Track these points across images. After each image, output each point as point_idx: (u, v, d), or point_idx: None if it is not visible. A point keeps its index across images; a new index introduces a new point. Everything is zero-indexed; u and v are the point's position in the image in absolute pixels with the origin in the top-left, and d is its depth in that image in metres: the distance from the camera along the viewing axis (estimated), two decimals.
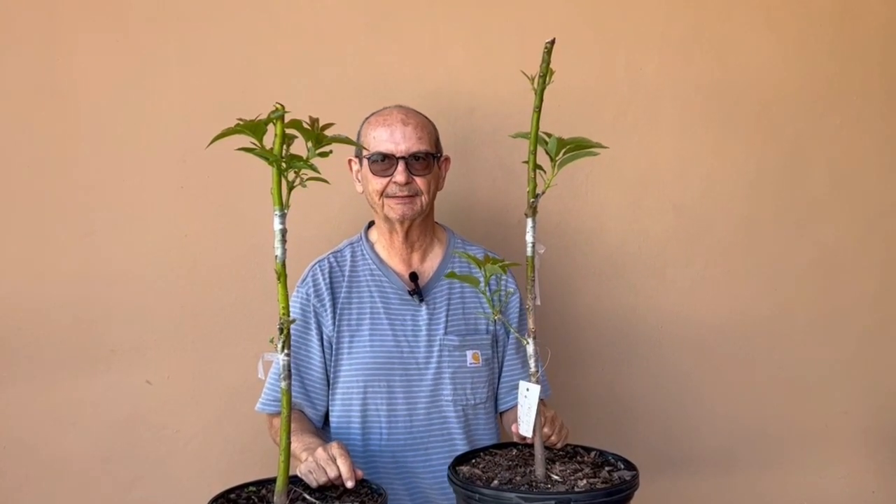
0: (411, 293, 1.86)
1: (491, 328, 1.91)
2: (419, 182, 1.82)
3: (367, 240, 1.93)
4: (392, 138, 1.80)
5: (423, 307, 1.86)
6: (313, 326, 1.84)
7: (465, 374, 1.86)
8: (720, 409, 2.45)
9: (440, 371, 1.84)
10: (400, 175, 1.79)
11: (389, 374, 1.82)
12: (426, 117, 1.89)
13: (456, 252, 1.91)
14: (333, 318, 1.84)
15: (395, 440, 1.83)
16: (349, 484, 1.49)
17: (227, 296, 2.13)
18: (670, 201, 2.38)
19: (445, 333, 1.86)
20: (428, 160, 1.83)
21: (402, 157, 1.80)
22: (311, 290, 1.85)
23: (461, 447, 1.83)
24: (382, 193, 1.82)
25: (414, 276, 1.88)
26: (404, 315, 1.86)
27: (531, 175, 1.45)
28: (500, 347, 1.93)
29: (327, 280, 1.85)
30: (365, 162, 1.84)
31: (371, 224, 1.96)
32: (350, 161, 1.91)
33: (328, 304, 1.84)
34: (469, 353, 1.86)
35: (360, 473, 1.52)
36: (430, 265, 1.92)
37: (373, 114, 1.89)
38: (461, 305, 1.89)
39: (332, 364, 1.84)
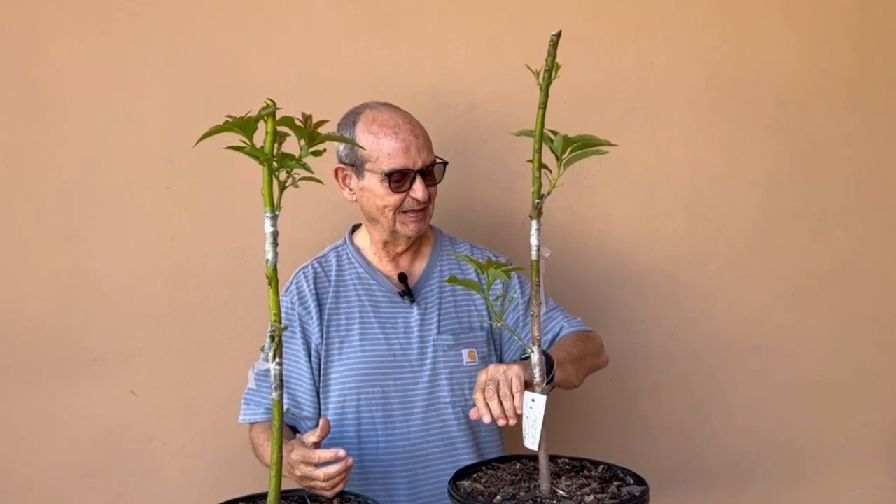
0: (402, 294, 1.84)
1: (485, 325, 1.89)
2: (431, 191, 1.82)
3: (353, 244, 1.91)
4: (408, 153, 1.76)
5: (415, 308, 1.84)
6: (299, 336, 1.82)
7: (462, 374, 1.84)
8: (734, 421, 2.44)
9: (436, 372, 1.82)
10: (421, 192, 1.77)
11: (383, 378, 1.81)
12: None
13: (458, 256, 1.89)
14: (321, 325, 1.82)
15: (393, 447, 1.80)
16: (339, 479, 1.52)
17: (215, 301, 2.11)
18: (682, 202, 2.37)
19: (439, 333, 1.84)
20: (435, 168, 1.83)
21: (419, 171, 1.78)
22: (296, 298, 1.83)
23: (462, 451, 1.82)
24: (397, 209, 1.78)
25: (403, 277, 1.87)
26: (395, 317, 1.84)
27: (536, 175, 1.43)
28: (498, 343, 1.92)
29: (312, 287, 1.83)
30: (370, 175, 1.78)
31: (356, 227, 1.94)
32: (337, 170, 1.84)
33: (314, 312, 1.82)
34: (465, 352, 1.85)
35: (348, 460, 1.53)
36: (419, 265, 1.91)
37: (366, 116, 1.80)
38: (453, 304, 1.88)
39: (322, 373, 1.82)
